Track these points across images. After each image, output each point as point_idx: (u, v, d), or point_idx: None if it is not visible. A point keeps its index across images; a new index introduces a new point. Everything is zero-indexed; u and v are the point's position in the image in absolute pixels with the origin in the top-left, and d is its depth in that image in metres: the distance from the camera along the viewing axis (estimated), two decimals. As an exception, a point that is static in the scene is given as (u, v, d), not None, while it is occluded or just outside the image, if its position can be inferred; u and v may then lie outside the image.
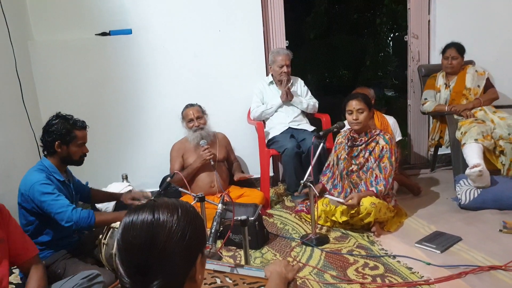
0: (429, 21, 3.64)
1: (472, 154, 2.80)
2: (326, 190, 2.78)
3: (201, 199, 2.13)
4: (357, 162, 2.65)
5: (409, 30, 3.67)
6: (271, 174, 3.50)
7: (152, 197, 2.13)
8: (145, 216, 0.81)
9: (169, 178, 2.36)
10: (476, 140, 2.83)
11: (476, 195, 2.70)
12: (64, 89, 3.21)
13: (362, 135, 2.64)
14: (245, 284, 1.30)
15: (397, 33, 8.57)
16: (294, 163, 3.02)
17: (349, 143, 2.69)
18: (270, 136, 3.29)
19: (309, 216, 2.66)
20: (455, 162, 3.07)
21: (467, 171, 2.69)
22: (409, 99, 3.81)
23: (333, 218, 2.61)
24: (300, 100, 3.33)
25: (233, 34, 3.37)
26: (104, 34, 3.20)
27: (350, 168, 2.66)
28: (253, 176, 2.95)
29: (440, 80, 3.36)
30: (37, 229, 1.95)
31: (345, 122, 2.76)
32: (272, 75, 3.37)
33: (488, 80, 3.29)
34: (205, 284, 1.32)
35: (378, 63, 8.88)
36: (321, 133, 2.63)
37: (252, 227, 2.36)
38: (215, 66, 3.39)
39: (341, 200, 2.52)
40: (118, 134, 3.35)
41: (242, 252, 2.36)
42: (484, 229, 2.44)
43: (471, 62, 3.44)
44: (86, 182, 2.31)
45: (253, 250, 2.40)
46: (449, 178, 3.29)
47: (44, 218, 1.92)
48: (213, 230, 1.72)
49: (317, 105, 3.42)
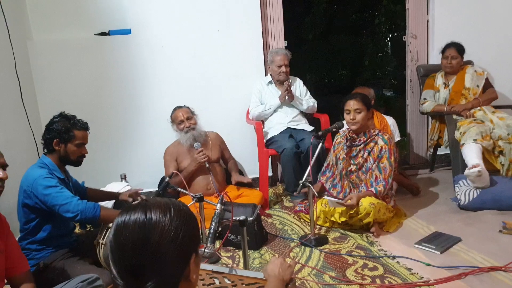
0: (427, 21, 3.64)
1: (471, 154, 2.80)
2: (325, 190, 2.77)
3: (200, 199, 2.13)
4: (356, 162, 2.64)
5: (407, 30, 3.68)
6: (270, 174, 3.50)
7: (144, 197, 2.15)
8: (137, 216, 0.80)
9: (167, 178, 2.35)
10: (475, 140, 2.83)
11: (475, 195, 2.70)
12: (63, 88, 3.20)
13: (361, 135, 2.64)
14: (244, 285, 1.30)
15: (395, 33, 8.57)
16: (293, 163, 3.01)
17: (347, 143, 2.68)
18: (269, 136, 3.28)
19: (308, 217, 2.65)
20: (454, 162, 3.06)
21: (466, 172, 2.69)
22: (408, 99, 3.81)
23: (332, 218, 2.60)
24: (300, 101, 3.32)
25: (232, 34, 3.36)
26: (103, 34, 3.19)
27: (349, 168, 2.66)
28: (250, 181, 2.94)
29: (439, 80, 3.36)
30: (37, 226, 1.95)
31: (344, 122, 2.76)
32: (271, 75, 3.37)
33: (487, 80, 3.29)
34: (203, 285, 1.31)
35: (377, 63, 8.89)
36: (320, 133, 2.63)
37: (251, 228, 2.36)
38: (214, 66, 3.38)
39: (340, 200, 2.51)
40: (117, 134, 3.34)
41: (241, 253, 2.35)
42: (484, 229, 2.44)
43: (469, 62, 3.44)
44: (82, 182, 2.30)
45: (252, 251, 2.39)
46: (448, 178, 3.29)
47: (46, 215, 1.92)
48: (211, 231, 1.72)
49: (316, 105, 3.42)
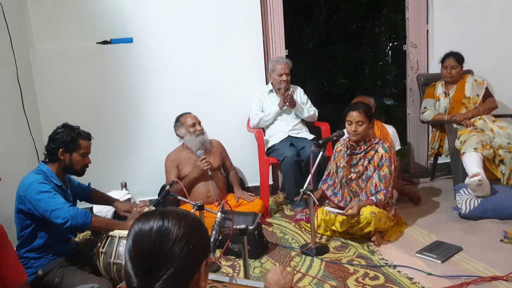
0: (427, 30, 3.67)
1: (472, 163, 2.80)
2: (325, 196, 2.77)
3: (200, 208, 2.12)
4: (356, 170, 2.64)
5: (407, 40, 3.70)
6: (271, 182, 3.50)
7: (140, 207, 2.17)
8: (155, 222, 0.87)
9: (168, 187, 2.35)
10: (475, 149, 2.83)
11: (476, 204, 2.69)
12: (65, 97, 3.21)
13: (361, 143, 2.64)
14: (244, 294, 1.30)
15: (396, 43, 8.63)
16: (294, 172, 3.01)
17: (348, 151, 2.68)
18: (269, 144, 3.28)
19: (308, 225, 2.65)
20: (455, 171, 3.06)
21: (467, 181, 2.68)
22: (408, 108, 3.82)
23: (333, 227, 2.59)
24: (301, 108, 3.34)
25: (233, 43, 3.39)
26: (105, 42, 3.22)
27: (349, 176, 2.66)
28: (253, 200, 2.93)
29: (440, 89, 3.37)
30: (33, 233, 1.95)
31: (345, 130, 2.77)
32: (271, 83, 3.39)
33: (487, 89, 3.30)
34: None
35: (377, 72, 8.93)
36: (320, 141, 2.63)
37: (252, 236, 2.35)
38: (215, 74, 3.40)
39: (341, 211, 2.50)
40: (118, 142, 3.34)
41: (241, 262, 2.34)
42: (485, 238, 2.43)
43: (469, 72, 3.45)
44: (88, 183, 2.32)
45: (252, 260, 2.38)
46: (449, 187, 3.28)
47: (40, 221, 1.91)
48: (212, 239, 1.71)
49: (316, 114, 3.43)
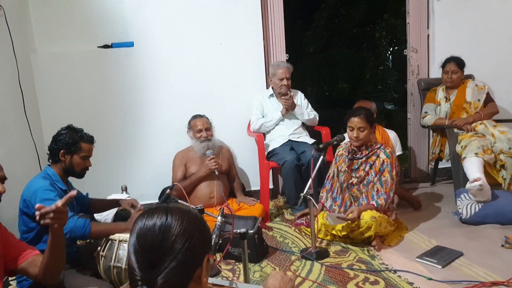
0: (428, 35, 3.68)
1: (473, 168, 2.79)
2: (326, 209, 2.75)
3: (200, 212, 2.12)
4: (357, 175, 2.64)
5: (408, 44, 3.71)
6: (271, 186, 3.49)
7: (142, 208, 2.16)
8: (159, 217, 0.89)
9: (168, 190, 2.35)
10: (476, 154, 2.83)
11: (477, 209, 2.68)
12: (66, 100, 3.22)
13: (363, 148, 2.64)
14: (244, 299, 1.29)
15: (396, 47, 8.65)
16: (294, 176, 3.01)
17: (349, 156, 2.68)
18: (270, 148, 3.29)
19: (309, 230, 2.64)
20: (456, 176, 3.06)
21: (468, 185, 2.68)
22: (409, 112, 3.82)
23: (333, 231, 2.59)
24: (301, 111, 3.34)
25: (234, 47, 3.40)
26: (106, 46, 3.23)
27: (350, 181, 2.65)
28: (254, 204, 2.94)
29: (440, 93, 3.37)
30: (37, 237, 1.94)
31: (345, 135, 2.77)
32: (272, 88, 3.39)
33: (488, 94, 3.31)
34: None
35: (378, 76, 8.94)
36: (321, 145, 2.63)
37: (252, 240, 2.34)
38: (215, 78, 3.41)
39: (342, 215, 2.50)
40: (118, 145, 3.35)
41: (241, 266, 2.34)
42: (486, 244, 2.42)
43: (470, 76, 3.46)
44: (86, 193, 2.31)
45: (252, 264, 2.38)
46: (449, 192, 3.28)
47: (44, 226, 1.90)
48: (212, 243, 1.71)
49: (317, 118, 3.43)
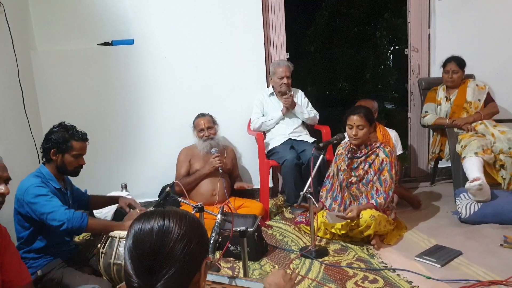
0: (429, 34, 3.67)
1: (472, 167, 2.80)
2: (325, 208, 2.76)
3: (200, 209, 2.12)
4: (356, 174, 2.64)
5: (409, 44, 3.70)
6: (271, 185, 3.49)
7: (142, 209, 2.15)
8: (156, 221, 0.87)
9: (168, 188, 2.35)
10: (476, 153, 2.83)
11: (476, 209, 2.69)
12: (66, 98, 3.22)
13: (362, 147, 2.64)
14: (243, 296, 1.29)
15: (397, 47, 8.63)
16: (294, 175, 3.01)
17: (349, 155, 2.69)
18: (270, 147, 3.28)
19: (308, 228, 2.64)
20: (455, 176, 3.06)
21: (467, 185, 2.68)
22: (409, 112, 3.82)
23: (333, 230, 2.59)
24: (302, 110, 3.34)
25: (234, 46, 3.40)
26: (106, 44, 3.22)
27: (350, 179, 2.66)
28: (253, 187, 2.95)
29: (441, 93, 3.37)
30: (32, 235, 1.94)
31: (345, 134, 2.77)
32: (272, 86, 3.39)
33: (488, 94, 3.31)
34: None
35: (378, 76, 8.93)
36: (321, 144, 2.64)
37: (251, 238, 2.35)
38: (216, 77, 3.41)
39: (341, 213, 2.50)
40: (118, 144, 3.35)
41: (240, 264, 2.34)
42: (485, 243, 2.42)
43: (471, 76, 3.45)
44: (85, 190, 2.30)
45: (252, 262, 2.38)
46: (449, 191, 3.28)
47: (39, 224, 1.90)
48: (212, 241, 1.71)
49: (317, 117, 3.43)
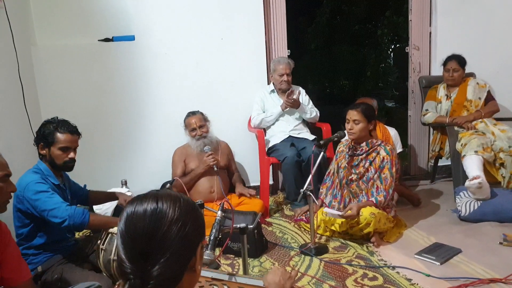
0: (430, 33, 3.67)
1: (472, 166, 2.80)
2: (325, 205, 2.76)
3: (200, 206, 2.12)
4: (357, 171, 2.64)
5: (410, 42, 3.70)
6: (271, 182, 3.49)
7: None
8: (149, 204, 0.83)
9: (168, 184, 2.35)
10: (476, 152, 2.83)
11: (476, 207, 2.69)
12: (66, 94, 3.22)
13: (363, 145, 2.64)
14: (243, 293, 1.30)
15: (398, 45, 8.62)
16: (294, 172, 3.01)
17: (349, 152, 2.69)
18: (270, 144, 3.29)
19: (308, 225, 2.65)
20: (455, 174, 3.06)
21: (467, 183, 2.69)
22: (409, 110, 3.82)
23: (333, 227, 2.60)
24: (304, 110, 3.33)
25: (235, 43, 3.39)
26: (107, 40, 3.22)
27: (350, 177, 2.66)
28: (255, 195, 2.94)
29: (441, 91, 3.37)
30: (32, 232, 1.94)
31: (346, 131, 2.76)
32: (273, 83, 3.39)
33: (489, 92, 3.30)
34: (203, 291, 1.31)
35: (379, 74, 8.92)
36: (321, 142, 2.63)
37: (251, 235, 2.35)
38: (216, 73, 3.41)
39: (340, 212, 2.50)
40: (118, 140, 3.35)
41: (240, 261, 2.34)
42: (484, 241, 2.43)
43: (471, 75, 3.45)
44: (84, 185, 2.30)
45: (252, 259, 2.39)
46: (449, 189, 3.28)
47: (39, 221, 1.90)
48: (212, 238, 1.71)
49: (318, 115, 3.43)
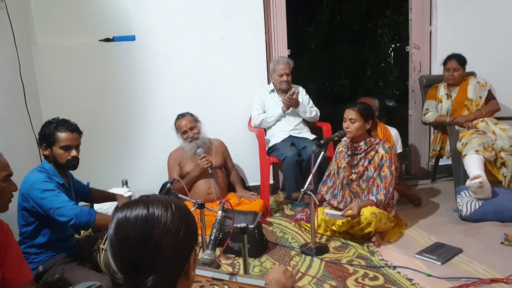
0: (430, 32, 3.66)
1: (473, 165, 2.80)
2: (325, 201, 2.76)
3: (201, 206, 2.13)
4: (356, 171, 2.64)
5: (410, 41, 3.70)
6: (271, 182, 3.49)
7: None
8: (140, 211, 0.79)
9: (169, 184, 2.35)
10: (477, 151, 2.83)
11: (477, 206, 2.69)
12: (67, 94, 3.22)
13: (362, 144, 2.64)
14: (244, 293, 1.29)
15: (398, 44, 8.60)
16: (295, 171, 3.01)
17: (349, 152, 2.69)
18: (270, 144, 3.28)
19: (308, 225, 2.65)
20: (456, 173, 3.06)
21: (468, 183, 2.68)
22: (410, 109, 3.82)
23: (333, 227, 2.59)
24: (304, 109, 3.33)
25: (235, 42, 3.39)
26: (107, 40, 3.22)
27: (350, 177, 2.66)
28: (255, 198, 2.94)
29: (442, 90, 3.37)
30: (36, 230, 1.95)
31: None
32: (273, 83, 3.39)
33: (490, 91, 3.30)
34: (203, 291, 1.31)
35: (379, 73, 8.90)
36: (322, 141, 2.64)
37: (252, 235, 2.35)
38: (217, 73, 3.41)
39: (340, 212, 2.49)
40: (119, 139, 3.35)
41: (241, 260, 2.35)
42: (485, 241, 2.43)
43: (472, 74, 3.45)
44: (87, 183, 2.32)
45: (252, 259, 2.39)
46: (450, 189, 3.28)
47: (44, 219, 1.91)
48: (212, 237, 1.71)
49: (318, 114, 3.42)
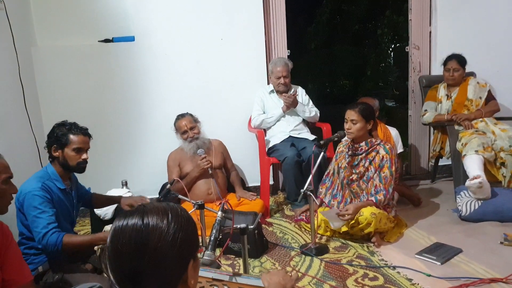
0: (430, 32, 3.67)
1: (473, 165, 2.80)
2: (324, 203, 2.76)
3: (201, 207, 2.13)
4: (357, 171, 2.64)
5: (410, 41, 3.70)
6: (271, 182, 3.50)
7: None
8: (135, 222, 0.79)
9: (169, 185, 2.35)
10: (476, 151, 2.83)
11: (476, 206, 2.69)
12: (66, 95, 3.22)
13: (363, 144, 2.64)
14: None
15: (398, 44, 8.61)
16: (294, 172, 3.02)
17: (349, 152, 2.69)
18: (270, 144, 3.29)
19: (308, 226, 2.65)
20: (456, 173, 3.06)
21: (467, 183, 2.69)
22: (410, 109, 3.82)
23: (333, 228, 2.59)
24: (303, 109, 3.33)
25: (235, 43, 3.39)
26: (107, 40, 3.22)
27: (350, 177, 2.66)
28: (254, 198, 2.94)
29: (442, 91, 3.37)
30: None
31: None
32: (272, 84, 3.39)
33: (489, 92, 3.30)
34: (203, 292, 1.31)
35: (379, 73, 8.91)
36: (322, 142, 2.64)
37: (252, 236, 2.35)
38: (216, 74, 3.41)
39: (337, 210, 2.50)
40: (119, 140, 3.35)
41: (241, 261, 2.34)
42: (485, 241, 2.43)
43: (472, 74, 3.45)
44: (88, 188, 2.31)
45: (252, 259, 2.39)
46: (449, 189, 3.28)
47: None
48: (212, 238, 1.72)
49: (318, 114, 3.43)
